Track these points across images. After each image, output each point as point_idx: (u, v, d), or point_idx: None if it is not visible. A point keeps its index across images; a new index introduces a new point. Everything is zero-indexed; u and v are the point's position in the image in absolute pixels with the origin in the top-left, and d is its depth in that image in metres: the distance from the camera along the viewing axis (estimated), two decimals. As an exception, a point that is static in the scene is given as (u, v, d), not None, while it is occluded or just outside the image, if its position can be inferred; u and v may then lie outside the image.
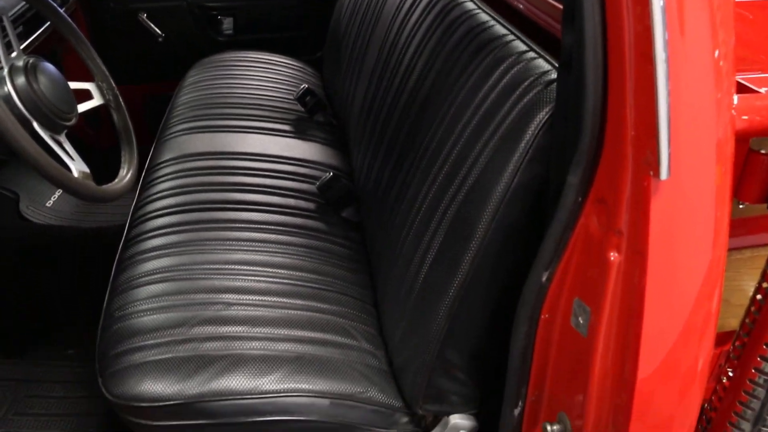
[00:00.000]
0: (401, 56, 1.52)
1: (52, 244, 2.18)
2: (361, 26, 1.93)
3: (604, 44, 0.78)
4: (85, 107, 1.49)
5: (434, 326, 1.07)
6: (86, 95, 1.53)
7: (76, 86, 1.46)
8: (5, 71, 1.25)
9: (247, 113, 1.97)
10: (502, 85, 1.07)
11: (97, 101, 1.55)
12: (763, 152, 0.87)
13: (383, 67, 1.63)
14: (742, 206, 0.94)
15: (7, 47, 1.27)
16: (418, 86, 1.37)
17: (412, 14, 1.53)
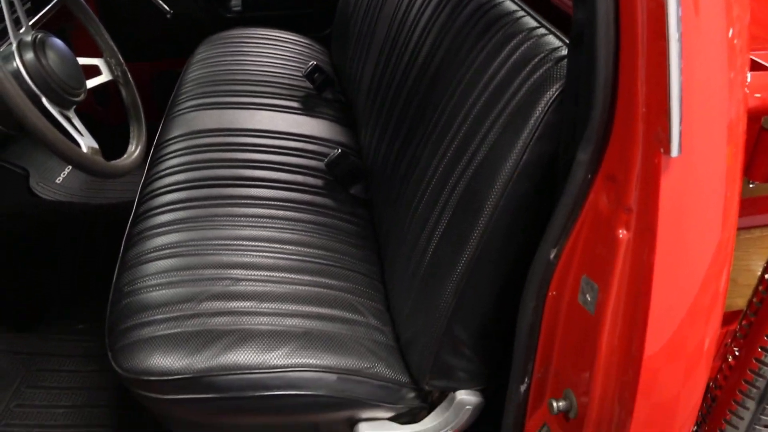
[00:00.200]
0: (410, 33, 1.51)
1: (61, 220, 2.19)
2: (369, 3, 1.92)
3: (616, 20, 0.77)
4: (93, 83, 1.49)
5: (442, 302, 1.07)
6: (95, 71, 1.53)
7: (84, 62, 1.45)
8: (14, 47, 1.25)
9: (255, 90, 1.96)
10: (512, 61, 1.06)
11: (105, 77, 1.54)
12: (775, 130, 0.87)
13: (392, 43, 1.62)
14: (752, 185, 0.94)
15: (15, 23, 1.27)
16: (427, 63, 1.36)
17: (421, -10, 1.52)
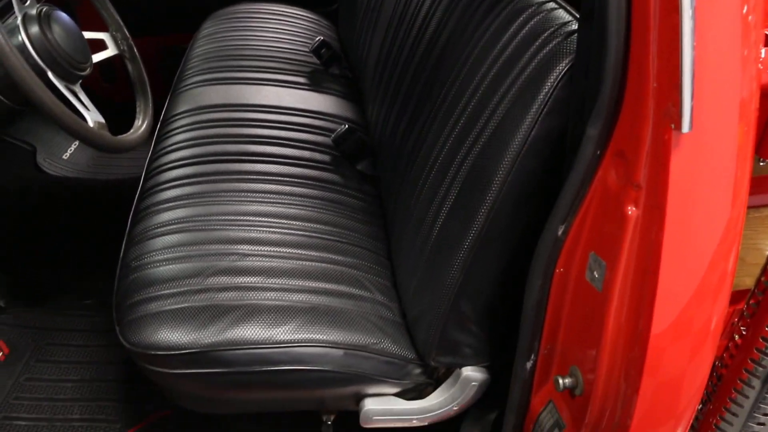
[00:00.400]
0: (418, 8, 1.49)
1: (68, 196, 2.19)
2: (377, -23, 1.90)
3: (628, -6, 0.76)
4: (99, 57, 1.48)
5: (449, 279, 1.07)
6: (100, 45, 1.52)
7: (90, 36, 1.45)
8: (19, 20, 1.24)
9: (262, 65, 1.95)
10: (520, 36, 1.05)
11: (111, 51, 1.53)
12: (788, 107, 0.86)
13: (399, 18, 1.61)
14: (762, 163, 0.93)
15: (20, -4, 1.26)
16: (435, 38, 1.35)
17: (430, -36, 1.50)
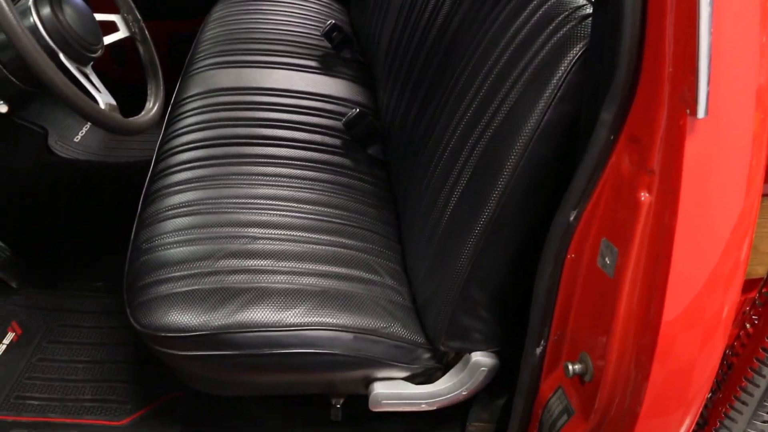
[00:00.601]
0: (431, -10, 1.48)
1: (79, 178, 2.20)
2: (389, -40, 1.88)
3: (644, -23, 0.75)
4: (110, 39, 1.48)
5: (459, 263, 1.07)
6: (112, 27, 1.52)
7: (101, 18, 1.44)
8: (30, 1, 1.24)
9: (273, 49, 1.95)
10: (534, 20, 1.04)
11: (122, 33, 1.53)
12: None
13: (411, 2, 1.59)
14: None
15: (32, -23, 1.26)
16: (447, 22, 1.34)
17: (442, -54, 1.48)
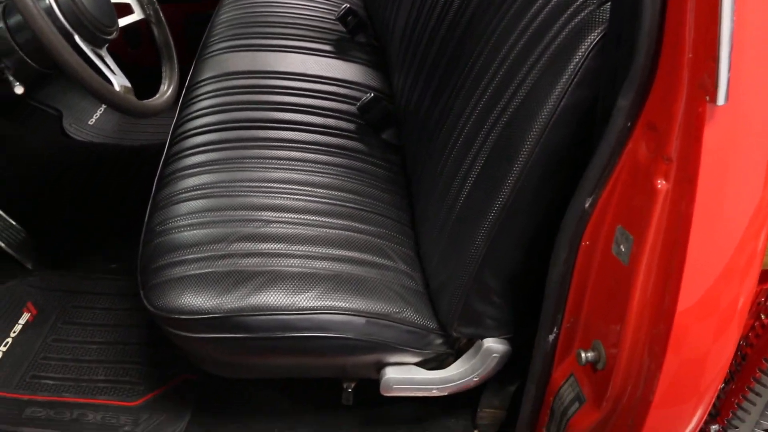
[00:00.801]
0: (446, -26, 1.46)
1: (94, 161, 2.21)
2: (405, -57, 1.87)
3: (665, -40, 0.74)
4: (125, 21, 1.48)
5: (472, 249, 1.07)
6: (126, 10, 1.52)
7: (116, 0, 1.44)
8: (46, -18, 1.24)
9: (287, 32, 1.94)
10: (552, 4, 1.02)
11: (137, 15, 1.53)
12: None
13: (427, -14, 1.58)
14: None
15: (48, -43, 1.26)
16: (463, 6, 1.33)
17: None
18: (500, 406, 1.38)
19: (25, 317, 1.66)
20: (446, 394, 1.25)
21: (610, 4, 0.91)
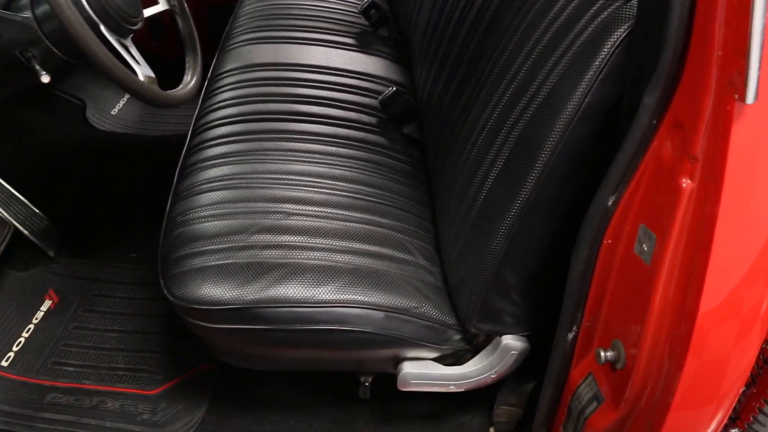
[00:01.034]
0: (471, -32, 1.45)
1: (116, 151, 2.23)
2: (429, -63, 1.86)
3: (695, -44, 0.73)
4: (150, 12, 1.49)
5: (493, 245, 1.06)
6: (151, 0, 1.53)
7: (141, -10, 1.45)
8: (73, -28, 1.25)
9: (310, 25, 1.94)
10: (578, 0, 1.01)
11: (162, 6, 1.54)
12: None
13: (451, -20, 1.57)
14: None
15: (74, -52, 1.27)
16: (486, 1, 1.32)
17: None
18: (517, 404, 1.38)
19: (47, 304, 1.68)
20: (463, 390, 1.25)
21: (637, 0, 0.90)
